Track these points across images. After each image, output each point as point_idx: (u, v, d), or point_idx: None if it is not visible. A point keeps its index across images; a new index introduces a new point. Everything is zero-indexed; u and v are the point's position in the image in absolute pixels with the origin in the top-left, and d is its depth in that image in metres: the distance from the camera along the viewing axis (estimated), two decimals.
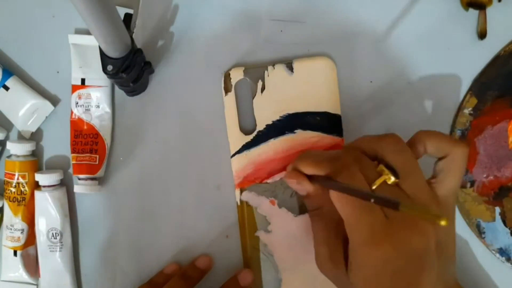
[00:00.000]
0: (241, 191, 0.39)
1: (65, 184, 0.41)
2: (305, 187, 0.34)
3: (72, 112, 0.40)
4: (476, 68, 0.40)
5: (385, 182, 0.31)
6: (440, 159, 0.33)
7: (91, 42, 0.39)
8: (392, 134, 0.33)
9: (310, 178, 0.34)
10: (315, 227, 0.35)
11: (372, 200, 0.28)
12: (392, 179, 0.30)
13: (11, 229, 0.39)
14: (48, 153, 0.41)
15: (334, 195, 0.31)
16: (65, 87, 0.40)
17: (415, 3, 0.40)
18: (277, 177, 0.39)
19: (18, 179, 0.39)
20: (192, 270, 0.39)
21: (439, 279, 0.31)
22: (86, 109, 0.40)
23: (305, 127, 0.39)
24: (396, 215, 0.30)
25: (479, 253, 0.41)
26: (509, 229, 0.40)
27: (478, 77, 0.40)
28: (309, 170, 0.34)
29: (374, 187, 0.30)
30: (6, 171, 0.39)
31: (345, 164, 0.31)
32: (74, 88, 0.40)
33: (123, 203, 0.41)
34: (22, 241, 0.39)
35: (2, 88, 0.39)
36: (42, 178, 0.39)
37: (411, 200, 0.31)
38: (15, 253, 0.39)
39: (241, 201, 0.40)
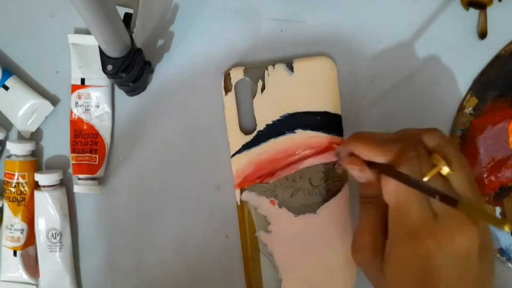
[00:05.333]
0: (241, 191, 0.39)
1: (65, 184, 0.40)
2: (367, 175, 0.33)
3: (72, 112, 0.40)
4: (477, 68, 0.40)
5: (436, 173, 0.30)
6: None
7: (91, 42, 0.39)
8: (437, 128, 0.32)
9: (369, 164, 0.32)
10: (364, 214, 0.34)
11: (437, 197, 0.27)
12: (447, 170, 0.30)
13: (11, 229, 0.39)
14: (48, 153, 0.41)
15: (391, 182, 0.30)
16: (65, 87, 0.40)
17: (415, 3, 0.40)
18: (277, 177, 0.39)
19: (18, 179, 0.39)
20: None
21: (478, 286, 0.30)
22: (86, 109, 0.40)
23: (305, 127, 0.39)
24: (444, 212, 0.29)
25: None
26: None
27: (479, 77, 0.40)
28: (368, 155, 0.32)
29: (426, 179, 0.29)
30: (6, 171, 0.39)
31: (406, 153, 0.30)
32: (74, 88, 0.40)
33: (123, 203, 0.41)
34: (22, 241, 0.39)
35: (1, 88, 0.39)
36: (41, 178, 0.39)
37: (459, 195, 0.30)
38: (15, 253, 0.39)
39: (241, 201, 0.39)
